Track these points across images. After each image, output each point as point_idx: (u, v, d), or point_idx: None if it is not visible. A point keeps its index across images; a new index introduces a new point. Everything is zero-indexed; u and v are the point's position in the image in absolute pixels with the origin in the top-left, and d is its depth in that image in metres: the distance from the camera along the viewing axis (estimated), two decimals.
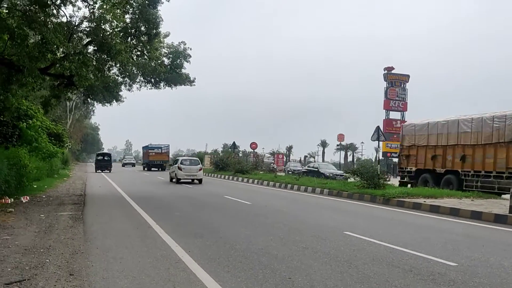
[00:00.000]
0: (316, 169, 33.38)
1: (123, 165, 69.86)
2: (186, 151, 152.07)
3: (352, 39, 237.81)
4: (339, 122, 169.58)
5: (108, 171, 42.76)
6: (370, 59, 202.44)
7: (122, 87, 20.68)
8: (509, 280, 5.52)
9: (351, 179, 21.40)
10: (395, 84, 65.46)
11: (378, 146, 22.31)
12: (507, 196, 13.29)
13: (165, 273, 5.48)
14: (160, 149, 51.60)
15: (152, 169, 50.24)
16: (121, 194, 17.84)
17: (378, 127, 20.16)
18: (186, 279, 5.26)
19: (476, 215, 11.86)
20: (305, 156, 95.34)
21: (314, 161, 79.69)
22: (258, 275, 5.47)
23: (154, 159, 50.91)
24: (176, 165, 26.61)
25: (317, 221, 10.88)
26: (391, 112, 65.72)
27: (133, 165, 69.83)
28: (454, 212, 12.52)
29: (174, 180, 26.79)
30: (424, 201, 14.35)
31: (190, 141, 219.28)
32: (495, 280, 5.48)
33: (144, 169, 53.15)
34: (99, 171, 42.51)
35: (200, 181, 26.21)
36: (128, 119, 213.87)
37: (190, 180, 26.40)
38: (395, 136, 61.79)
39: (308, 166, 38.87)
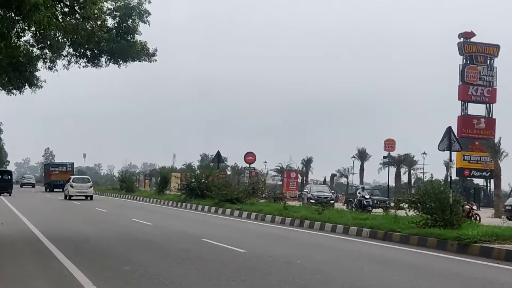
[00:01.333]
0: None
1: (21, 185, 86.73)
2: (142, 167, 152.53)
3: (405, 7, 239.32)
4: (386, 122, 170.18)
5: (9, 194, 49.42)
6: (435, 29, 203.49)
7: (40, 63, 20.62)
8: None
9: (405, 211, 21.44)
10: (477, 60, 64.98)
11: (450, 160, 22.25)
12: None
13: None
14: (64, 167, 69.33)
15: (55, 190, 63.98)
16: (36, 235, 17.81)
17: (449, 129, 20.21)
18: None
19: None
20: (333, 175, 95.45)
21: (349, 182, 79.84)
22: None
23: (57, 179, 65.80)
24: (68, 183, 43.28)
25: (358, 284, 10.91)
26: (470, 105, 65.28)
27: (33, 185, 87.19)
28: None
29: (67, 197, 44.89)
30: None
31: (150, 151, 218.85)
32: None
33: (46, 190, 68.28)
34: None
35: (91, 197, 45.22)
36: (50, 116, 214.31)
37: (84, 198, 43.45)
38: (477, 143, 61.88)
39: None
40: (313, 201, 39.56)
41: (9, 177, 54.64)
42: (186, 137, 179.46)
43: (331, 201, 43.69)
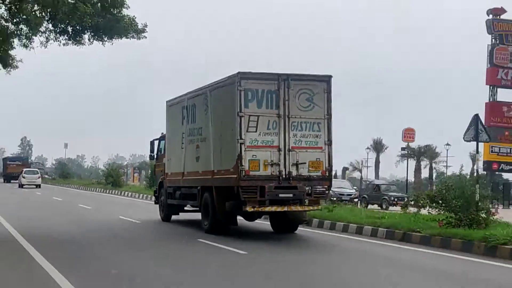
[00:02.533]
0: None
1: None
2: (130, 159, 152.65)
3: None
4: (406, 109, 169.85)
5: None
6: (461, 4, 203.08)
7: (15, 41, 20.60)
8: None
9: (424, 210, 21.43)
10: (508, 39, 64.79)
11: (477, 152, 22.22)
12: None
13: None
14: (20, 161, 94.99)
15: (12, 181, 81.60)
16: (11, 233, 17.85)
17: (476, 117, 20.14)
18: None
19: None
20: (345, 169, 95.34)
21: (362, 176, 79.84)
22: None
23: (13, 171, 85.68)
24: (21, 174, 68.65)
25: None
26: (499, 90, 65.23)
27: None
28: None
29: (20, 186, 66.27)
30: None
31: (138, 140, 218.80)
32: None
33: (4, 181, 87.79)
34: None
35: (39, 186, 65.81)
36: (28, 99, 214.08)
37: (34, 186, 64.29)
38: (507, 133, 61.76)
39: None
40: (335, 198, 37.90)
41: None
42: None
43: (355, 199, 43.18)
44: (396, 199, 38.36)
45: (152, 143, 27.85)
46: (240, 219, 20.02)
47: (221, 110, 19.15)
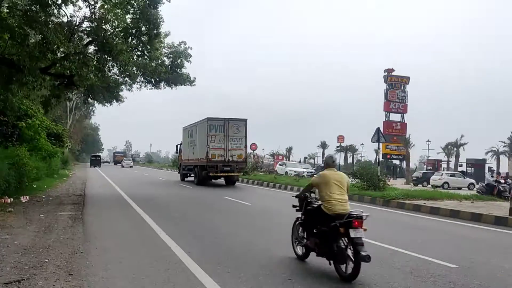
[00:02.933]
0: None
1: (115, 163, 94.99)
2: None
3: (353, 42, 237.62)
4: (339, 124, 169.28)
5: (99, 167, 58.43)
6: (371, 62, 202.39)
7: (123, 87, 20.63)
8: (510, 281, 5.50)
9: (351, 181, 21.37)
10: (395, 86, 65.33)
11: (378, 148, 22.22)
12: None
13: (164, 274, 5.46)
14: (122, 154, 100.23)
15: (118, 164, 77.83)
16: (121, 194, 17.80)
17: (378, 129, 20.12)
18: (186, 280, 5.24)
19: (476, 217, 11.85)
20: (305, 158, 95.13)
21: (314, 163, 79.68)
22: (258, 276, 5.45)
23: (118, 159, 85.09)
24: (122, 161, 70.69)
25: None
26: (391, 114, 65.64)
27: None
28: (454, 214, 12.51)
29: (122, 166, 64.42)
30: (424, 203, 14.34)
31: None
32: (496, 282, 5.47)
33: (114, 164, 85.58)
34: (93, 167, 59.05)
35: (131, 166, 63.89)
36: (129, 119, 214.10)
37: (129, 167, 62.92)
38: (395, 138, 61.90)
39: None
40: (303, 175, 36.62)
41: (99, 158, 67.56)
42: None
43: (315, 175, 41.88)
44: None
45: (177, 146, 32.41)
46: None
47: (201, 133, 24.28)
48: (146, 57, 17.16)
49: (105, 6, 14.69)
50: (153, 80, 19.67)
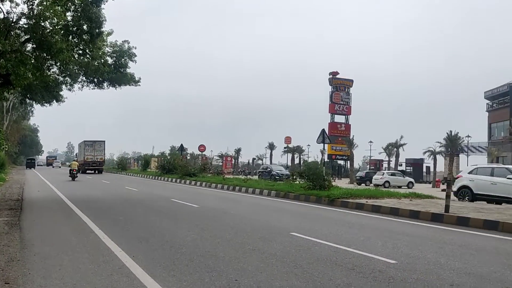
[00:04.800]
0: (269, 170, 40.87)
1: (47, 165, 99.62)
2: (132, 154, 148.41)
3: (300, 44, 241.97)
4: (286, 125, 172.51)
5: (34, 168, 67.58)
6: (317, 64, 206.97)
7: (63, 86, 19.86)
8: (445, 276, 5.82)
9: (297, 181, 21.76)
10: (340, 88, 67.28)
11: (324, 149, 22.77)
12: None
13: (107, 280, 5.30)
14: (54, 157, 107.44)
15: (48, 166, 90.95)
16: (61, 198, 17.10)
17: (323, 130, 20.64)
18: (130, 285, 5.12)
19: (414, 215, 12.43)
20: (253, 159, 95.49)
21: (263, 163, 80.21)
22: (204, 278, 5.42)
23: (50, 162, 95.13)
24: (54, 162, 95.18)
25: (264, 222, 10.94)
26: (336, 116, 67.51)
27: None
28: (394, 212, 13.05)
29: (52, 167, 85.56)
30: (367, 202, 14.86)
31: (136, 143, 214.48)
32: (432, 276, 5.76)
33: (47, 166, 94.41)
34: (28, 168, 66.71)
35: (59, 167, 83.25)
36: (70, 120, 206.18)
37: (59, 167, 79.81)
38: (339, 139, 63.56)
39: (262, 168, 46.06)
40: (277, 177, 36.76)
41: (34, 160, 76.54)
42: (160, 134, 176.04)
43: (288, 177, 41.19)
44: (283, 175, 38.21)
45: (76, 154, 54.56)
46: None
47: (81, 147, 45.49)
48: (88, 56, 16.62)
49: (44, 3, 14.04)
50: (95, 80, 19.09)
